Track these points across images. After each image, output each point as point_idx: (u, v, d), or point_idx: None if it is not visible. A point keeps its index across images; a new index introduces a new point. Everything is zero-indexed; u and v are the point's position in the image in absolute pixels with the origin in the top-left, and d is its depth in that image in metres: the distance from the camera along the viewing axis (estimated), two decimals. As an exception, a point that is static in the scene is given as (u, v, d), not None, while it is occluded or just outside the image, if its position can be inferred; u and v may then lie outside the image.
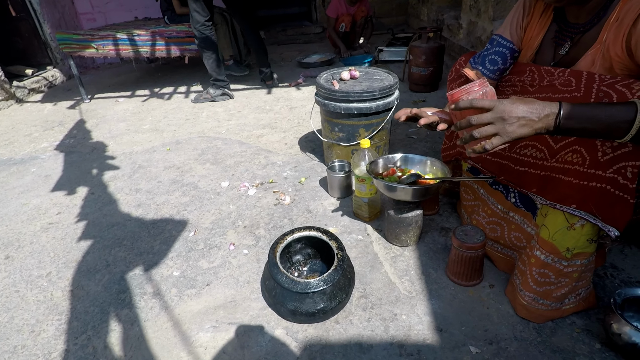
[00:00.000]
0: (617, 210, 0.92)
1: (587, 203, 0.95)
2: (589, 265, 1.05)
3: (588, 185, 0.94)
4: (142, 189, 2.00)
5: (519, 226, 1.23)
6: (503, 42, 1.23)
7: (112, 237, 1.64)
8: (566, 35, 1.08)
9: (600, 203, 0.93)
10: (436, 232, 1.52)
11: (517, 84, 1.17)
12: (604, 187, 0.92)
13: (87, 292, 1.37)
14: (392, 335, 1.12)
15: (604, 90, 0.90)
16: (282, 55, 4.79)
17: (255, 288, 1.32)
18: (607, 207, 0.93)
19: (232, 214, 1.74)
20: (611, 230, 0.94)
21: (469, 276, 1.24)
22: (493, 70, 1.24)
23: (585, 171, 0.94)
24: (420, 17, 4.99)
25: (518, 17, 1.21)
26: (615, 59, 0.94)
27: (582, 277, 1.07)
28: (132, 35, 3.32)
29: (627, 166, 0.88)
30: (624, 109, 0.78)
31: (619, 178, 0.90)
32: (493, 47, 1.25)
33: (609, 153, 0.90)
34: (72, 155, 2.46)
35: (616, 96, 0.87)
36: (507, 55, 1.23)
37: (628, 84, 0.87)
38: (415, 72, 3.04)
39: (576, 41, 1.05)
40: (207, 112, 3.05)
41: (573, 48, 1.06)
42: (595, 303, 1.13)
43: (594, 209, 0.95)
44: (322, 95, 1.79)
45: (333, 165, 1.81)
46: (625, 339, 0.93)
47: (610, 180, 0.91)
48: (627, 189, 0.89)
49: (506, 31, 1.23)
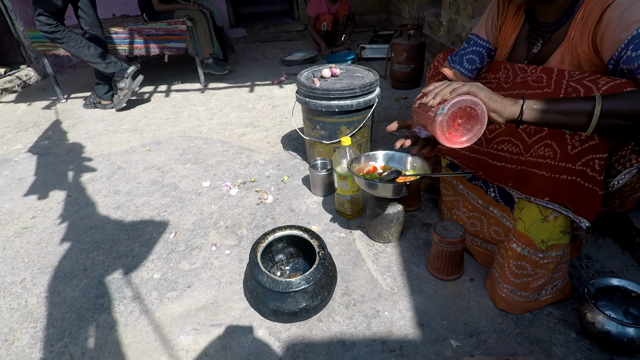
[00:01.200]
0: (587, 201, 0.94)
1: (559, 195, 0.97)
2: (564, 257, 1.07)
3: (559, 178, 0.97)
4: (121, 191, 1.96)
5: (498, 220, 1.25)
6: (480, 41, 1.26)
7: (90, 241, 1.60)
8: (538, 34, 1.11)
9: (571, 195, 0.96)
10: (418, 227, 1.53)
11: (493, 80, 1.19)
12: (574, 180, 0.94)
13: (64, 298, 1.33)
14: (374, 331, 1.13)
15: (572, 85, 0.93)
16: (265, 53, 4.75)
17: (238, 289, 1.31)
18: (578, 199, 0.95)
19: (214, 214, 1.72)
20: (582, 222, 0.97)
21: (450, 271, 1.25)
22: (471, 69, 1.27)
23: (556, 164, 0.97)
24: (401, 15, 5.02)
25: (493, 17, 1.23)
26: (582, 56, 0.98)
27: (558, 268, 1.09)
28: (110, 33, 3.24)
29: (594, 158, 0.91)
30: (583, 101, 0.83)
31: (587, 170, 0.92)
32: (470, 46, 1.27)
33: (578, 146, 0.92)
34: (48, 157, 2.40)
35: (583, 91, 0.89)
36: (484, 54, 1.25)
37: (594, 79, 0.90)
38: (397, 70, 3.06)
39: (547, 40, 1.09)
40: (188, 111, 3.01)
41: (545, 46, 1.10)
42: (571, 294, 1.16)
43: (565, 201, 0.97)
44: (303, 93, 1.79)
45: (315, 164, 1.81)
46: (598, 327, 0.95)
47: (579, 173, 0.93)
48: (596, 180, 0.92)
49: (482, 30, 1.26)
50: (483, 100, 0.85)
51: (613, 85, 0.86)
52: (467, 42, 1.29)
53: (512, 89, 1.10)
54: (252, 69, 4.08)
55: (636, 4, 0.84)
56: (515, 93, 1.06)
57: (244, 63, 4.32)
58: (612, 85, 0.86)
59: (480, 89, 0.86)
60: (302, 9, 5.67)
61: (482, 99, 0.85)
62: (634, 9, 0.84)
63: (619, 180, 0.95)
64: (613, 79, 0.87)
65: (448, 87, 0.88)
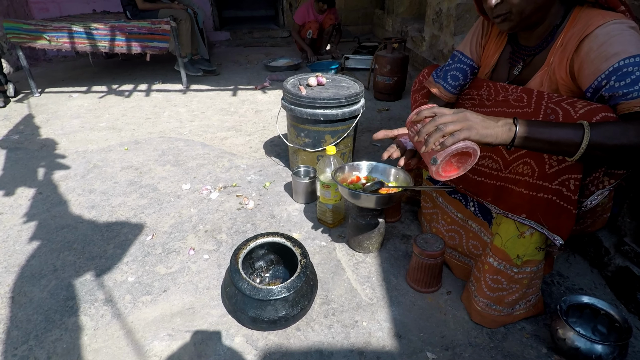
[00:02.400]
0: (561, 220, 0.98)
1: (535, 213, 1.01)
2: (537, 273, 1.11)
3: (536, 195, 1.00)
4: (97, 190, 1.90)
5: (476, 234, 1.28)
6: (464, 59, 1.30)
7: (61, 240, 1.54)
8: (519, 56, 1.16)
9: (547, 213, 0.99)
10: (398, 239, 1.55)
11: (476, 97, 1.23)
12: (550, 198, 0.98)
13: (31, 299, 1.27)
14: (352, 342, 1.13)
15: (551, 107, 0.97)
16: (248, 57, 4.74)
17: (215, 294, 1.29)
18: (553, 217, 0.99)
19: (193, 217, 1.69)
20: (556, 239, 1.00)
21: (428, 283, 1.27)
22: (454, 85, 1.30)
23: (534, 182, 1.00)
24: (385, 27, 5.12)
25: (477, 37, 1.28)
26: (560, 81, 1.03)
27: (532, 284, 1.13)
28: (90, 29, 3.15)
29: (570, 178, 0.94)
30: (572, 132, 0.84)
31: (563, 190, 0.96)
32: (454, 62, 1.31)
33: (555, 166, 0.96)
34: (18, 152, 2.30)
35: (562, 113, 0.93)
36: (467, 71, 1.29)
37: (572, 102, 0.94)
38: (380, 81, 3.11)
39: (528, 63, 1.14)
40: (169, 112, 2.96)
41: (525, 69, 1.15)
42: (543, 309, 1.20)
43: (541, 219, 1.00)
44: (289, 100, 1.79)
45: (298, 171, 1.80)
46: (569, 343, 0.99)
47: (555, 192, 0.97)
48: (570, 200, 0.96)
49: (467, 48, 1.30)
50: (477, 128, 0.84)
51: (589, 110, 0.90)
52: (452, 58, 1.33)
53: (493, 107, 1.14)
54: (236, 72, 4.06)
55: (615, 38, 0.89)
56: (497, 111, 1.10)
57: (227, 66, 4.30)
58: (589, 110, 0.90)
59: (472, 119, 0.85)
60: (287, 16, 5.70)
61: (476, 127, 0.84)
62: (613, 42, 0.89)
63: (592, 201, 0.99)
64: (589, 104, 0.92)
65: (437, 133, 0.85)
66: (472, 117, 0.86)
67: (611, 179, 0.96)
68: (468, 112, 0.87)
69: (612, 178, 0.96)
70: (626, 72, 0.86)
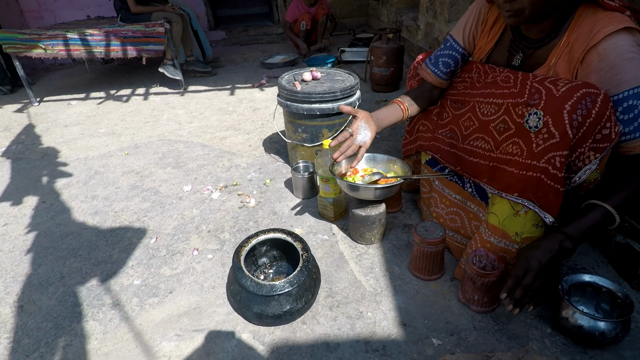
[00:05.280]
0: (549, 197, 0.99)
1: (526, 191, 1.02)
2: None
3: (526, 174, 1.01)
4: (99, 196, 1.91)
5: (475, 215, 1.29)
6: (456, 46, 1.31)
7: (67, 248, 1.56)
8: (519, 46, 1.16)
9: (537, 191, 1.00)
10: (399, 229, 1.56)
11: (467, 79, 1.26)
12: (538, 176, 0.99)
13: (39, 307, 1.29)
14: (358, 332, 1.14)
15: (535, 86, 0.98)
16: (245, 55, 4.73)
17: (221, 293, 1.30)
18: (542, 195, 0.99)
19: (196, 218, 1.70)
20: (547, 217, 1.00)
21: (431, 270, 1.27)
22: (445, 72, 1.32)
23: (523, 162, 1.01)
24: (380, 18, 5.08)
25: (472, 24, 1.28)
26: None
27: None
28: (85, 35, 3.16)
29: (555, 156, 0.95)
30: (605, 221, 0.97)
31: (549, 167, 0.96)
32: (446, 49, 1.32)
33: (541, 144, 0.96)
34: (20, 162, 2.32)
35: (545, 91, 0.95)
36: (458, 58, 1.31)
37: (554, 81, 0.96)
38: (376, 73, 3.10)
39: (528, 55, 1.14)
40: (167, 114, 2.97)
41: (525, 61, 1.14)
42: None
43: (532, 197, 1.01)
44: (285, 97, 1.79)
45: (297, 166, 1.81)
46: (572, 322, 0.99)
47: (543, 170, 0.97)
48: (557, 177, 0.96)
49: (459, 35, 1.30)
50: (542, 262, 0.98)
51: (570, 87, 0.91)
52: (445, 43, 1.34)
53: (483, 88, 1.16)
54: (232, 71, 4.06)
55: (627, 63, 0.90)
56: (487, 92, 1.12)
57: (224, 66, 4.29)
58: (570, 87, 0.91)
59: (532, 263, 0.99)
60: (281, 12, 5.67)
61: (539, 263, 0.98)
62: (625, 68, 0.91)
63: (580, 177, 1.00)
64: (570, 81, 0.93)
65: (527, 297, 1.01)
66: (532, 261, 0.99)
67: (597, 153, 0.96)
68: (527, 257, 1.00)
69: (597, 152, 0.96)
70: (632, 106, 0.90)
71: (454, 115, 1.28)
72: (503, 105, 1.07)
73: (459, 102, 1.27)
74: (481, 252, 1.14)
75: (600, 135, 0.94)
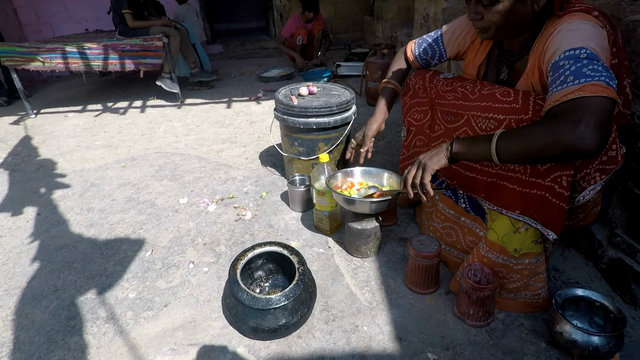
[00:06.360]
0: (554, 215, 1.00)
1: (528, 209, 1.03)
2: (538, 265, 1.12)
3: (529, 192, 1.02)
4: (95, 208, 1.91)
5: (471, 230, 1.30)
6: (441, 45, 1.38)
7: (61, 260, 1.55)
8: (504, 61, 1.19)
9: (540, 209, 1.01)
10: (395, 242, 1.57)
11: (458, 90, 1.22)
12: (542, 195, 1.00)
13: (32, 321, 1.28)
14: (353, 346, 1.14)
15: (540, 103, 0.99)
16: (241, 69, 4.78)
17: (216, 307, 1.30)
18: (546, 213, 1.01)
19: (192, 231, 1.70)
20: (550, 234, 1.02)
21: (426, 284, 1.28)
22: (423, 57, 1.44)
23: (527, 179, 1.02)
24: (375, 34, 5.17)
25: (461, 33, 1.31)
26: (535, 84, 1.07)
27: (535, 276, 1.14)
28: (83, 49, 3.19)
29: (562, 175, 0.96)
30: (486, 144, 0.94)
31: (555, 186, 0.98)
32: (433, 41, 1.39)
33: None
34: (16, 174, 2.31)
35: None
36: (437, 55, 1.40)
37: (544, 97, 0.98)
38: (372, 87, 3.14)
39: (512, 68, 1.17)
40: (164, 127, 2.98)
41: (510, 73, 1.17)
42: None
43: (535, 215, 1.02)
44: (281, 111, 1.81)
45: (294, 180, 1.82)
46: (566, 336, 1.00)
47: (548, 188, 0.99)
48: (563, 196, 0.97)
49: (447, 34, 1.35)
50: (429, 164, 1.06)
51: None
52: (435, 34, 1.40)
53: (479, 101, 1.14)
54: (229, 84, 4.10)
55: (569, 33, 0.91)
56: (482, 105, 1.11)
57: (221, 79, 4.33)
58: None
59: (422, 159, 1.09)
60: (278, 27, 5.76)
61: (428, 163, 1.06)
62: (563, 36, 0.92)
63: (584, 196, 1.01)
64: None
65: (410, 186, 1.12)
66: (422, 158, 1.08)
67: (602, 174, 0.98)
68: (419, 156, 1.10)
69: (603, 174, 0.98)
70: (560, 66, 0.88)
71: (447, 128, 1.28)
72: (505, 120, 1.05)
73: (450, 114, 1.25)
74: (476, 266, 1.15)
75: (606, 157, 0.95)
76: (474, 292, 1.09)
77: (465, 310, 1.16)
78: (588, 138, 0.76)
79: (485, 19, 1.03)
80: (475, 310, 1.14)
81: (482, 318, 1.15)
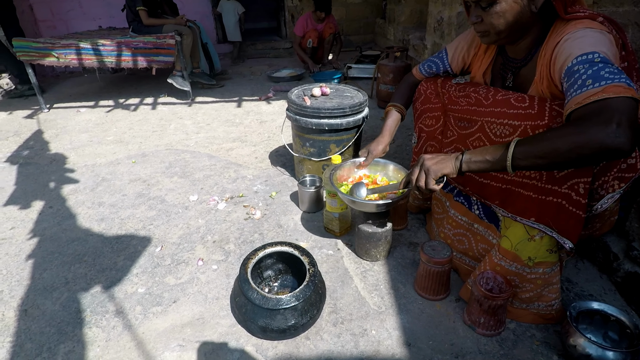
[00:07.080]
0: (570, 223, 0.99)
1: (544, 216, 1.01)
2: (552, 275, 1.11)
3: (545, 199, 1.01)
4: (106, 203, 1.92)
5: (483, 237, 1.28)
6: (445, 60, 1.40)
7: (72, 253, 1.56)
8: (508, 68, 1.20)
9: (556, 217, 1.00)
10: (405, 246, 1.56)
11: (472, 96, 1.22)
12: (559, 202, 0.98)
13: (43, 312, 1.29)
14: (361, 350, 1.13)
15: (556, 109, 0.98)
16: (252, 69, 4.80)
17: (225, 304, 1.30)
18: (562, 221, 0.99)
19: (201, 228, 1.70)
20: (566, 242, 1.00)
21: (437, 290, 1.27)
22: (429, 72, 1.48)
23: (542, 186, 1.01)
24: (387, 37, 5.16)
25: (465, 44, 1.33)
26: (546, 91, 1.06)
27: (549, 286, 1.12)
28: (97, 45, 3.22)
29: (579, 182, 0.95)
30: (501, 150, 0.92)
31: (572, 194, 0.96)
32: (437, 58, 1.42)
33: (564, 170, 0.96)
34: (29, 167, 2.34)
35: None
36: (441, 69, 1.42)
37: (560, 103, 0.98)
38: (383, 90, 3.13)
39: (516, 75, 1.17)
40: (175, 124, 3.00)
41: (516, 80, 1.18)
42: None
43: (550, 222, 1.01)
44: (294, 111, 1.81)
45: (304, 180, 1.82)
46: (580, 350, 0.98)
47: (565, 196, 0.97)
48: (580, 204, 0.96)
49: (451, 50, 1.37)
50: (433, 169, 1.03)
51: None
52: (439, 53, 1.43)
53: (492, 106, 1.14)
54: (240, 84, 4.11)
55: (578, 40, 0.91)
56: (498, 111, 1.11)
57: (232, 78, 4.35)
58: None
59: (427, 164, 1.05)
60: (289, 27, 5.77)
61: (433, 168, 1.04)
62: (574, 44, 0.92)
63: (602, 205, 1.00)
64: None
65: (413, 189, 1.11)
66: (426, 158, 1.06)
67: (621, 182, 0.96)
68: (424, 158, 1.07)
69: (622, 182, 0.96)
70: (575, 71, 0.88)
71: (460, 134, 1.28)
72: (520, 127, 1.04)
73: (464, 120, 1.25)
74: (489, 274, 1.14)
75: (625, 164, 0.94)
76: (485, 301, 1.08)
77: (476, 319, 1.14)
78: (622, 137, 0.75)
79: (485, 22, 1.05)
80: (487, 319, 1.12)
81: (493, 327, 1.13)
